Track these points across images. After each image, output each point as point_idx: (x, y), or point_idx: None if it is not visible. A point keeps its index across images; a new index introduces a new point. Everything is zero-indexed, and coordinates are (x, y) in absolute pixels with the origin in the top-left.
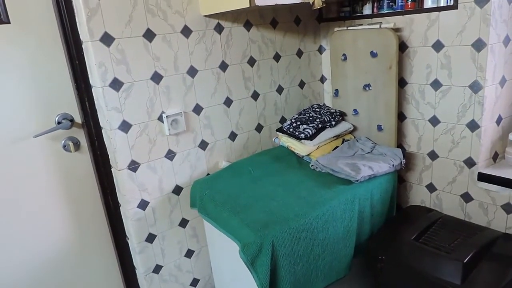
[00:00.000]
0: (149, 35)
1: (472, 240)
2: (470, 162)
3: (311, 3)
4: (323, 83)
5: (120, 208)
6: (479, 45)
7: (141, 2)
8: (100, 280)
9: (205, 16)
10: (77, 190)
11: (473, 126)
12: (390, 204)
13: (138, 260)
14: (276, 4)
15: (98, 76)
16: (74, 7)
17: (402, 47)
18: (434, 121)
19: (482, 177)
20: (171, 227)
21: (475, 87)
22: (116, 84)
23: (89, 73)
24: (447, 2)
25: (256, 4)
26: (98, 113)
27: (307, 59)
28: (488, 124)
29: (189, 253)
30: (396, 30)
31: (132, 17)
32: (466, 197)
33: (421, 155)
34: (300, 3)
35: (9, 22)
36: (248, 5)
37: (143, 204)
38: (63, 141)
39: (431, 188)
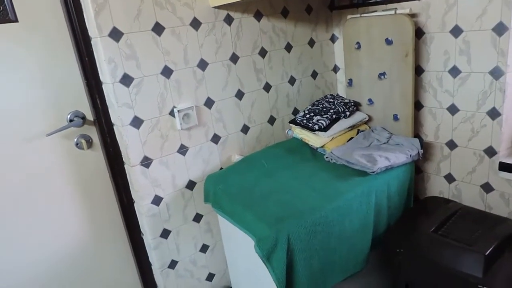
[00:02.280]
0: (158, 28)
1: (494, 231)
2: (490, 151)
3: None
4: (336, 73)
5: (134, 204)
6: (500, 29)
7: None
8: (116, 276)
9: (214, 7)
10: (91, 187)
11: (494, 114)
12: (407, 196)
13: (154, 255)
14: None
15: (108, 72)
16: (82, 3)
17: (419, 33)
18: (453, 109)
19: (504, 167)
20: (185, 222)
21: (496, 73)
22: (126, 80)
23: (99, 69)
24: None
25: None
26: (109, 110)
27: (320, 48)
28: (510, 111)
29: (204, 248)
30: (412, 15)
31: (140, 11)
32: (487, 188)
33: (439, 144)
34: None
35: (17, 21)
36: None
37: (157, 200)
38: (75, 139)
39: (449, 178)
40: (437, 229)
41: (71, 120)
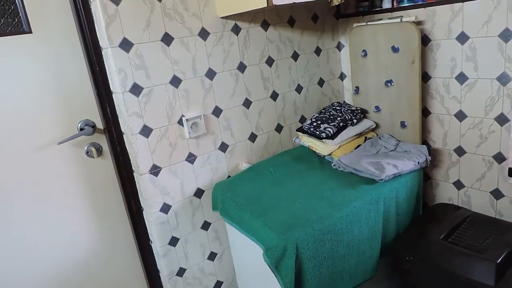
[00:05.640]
0: (167, 39)
1: (505, 239)
2: (499, 157)
3: (329, 0)
4: (342, 80)
5: (143, 212)
6: (506, 35)
7: (158, 7)
8: (124, 284)
9: (222, 17)
10: (100, 195)
11: (502, 120)
12: (416, 203)
13: (162, 263)
14: (294, 3)
15: (118, 82)
16: (93, 14)
17: (425, 40)
18: (460, 115)
19: None
20: (193, 230)
21: (504, 79)
22: (136, 89)
23: (109, 79)
24: None
25: (274, 3)
26: (119, 119)
27: (326, 56)
28: None
29: (212, 256)
30: (418, 23)
31: (150, 22)
32: (497, 194)
33: (447, 151)
34: (318, 0)
35: (31, 32)
36: (265, 5)
37: (165, 208)
38: (86, 147)
39: (458, 185)
40: (447, 236)
41: (81, 129)
